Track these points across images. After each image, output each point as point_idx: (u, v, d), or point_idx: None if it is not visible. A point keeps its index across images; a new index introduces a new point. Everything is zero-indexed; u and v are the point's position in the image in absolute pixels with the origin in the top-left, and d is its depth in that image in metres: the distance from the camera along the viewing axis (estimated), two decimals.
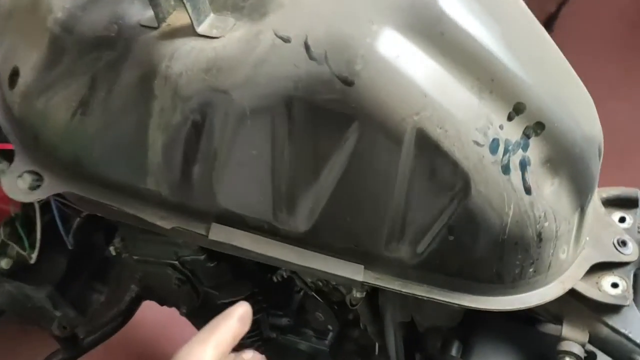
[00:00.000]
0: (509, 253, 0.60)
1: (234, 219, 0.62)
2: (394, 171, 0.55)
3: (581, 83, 0.64)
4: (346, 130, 0.54)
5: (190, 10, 0.54)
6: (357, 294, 0.79)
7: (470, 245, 0.60)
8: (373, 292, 0.87)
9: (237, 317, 0.50)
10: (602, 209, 0.77)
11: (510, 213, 0.57)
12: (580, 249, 0.70)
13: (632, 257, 0.72)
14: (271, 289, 1.05)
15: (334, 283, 0.80)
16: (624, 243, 0.72)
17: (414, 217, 0.59)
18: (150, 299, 1.19)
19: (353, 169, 0.56)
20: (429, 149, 0.54)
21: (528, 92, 0.57)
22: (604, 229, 0.74)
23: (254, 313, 1.07)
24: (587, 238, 0.72)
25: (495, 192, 0.56)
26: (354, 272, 0.63)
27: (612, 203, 0.79)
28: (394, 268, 0.63)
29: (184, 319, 1.19)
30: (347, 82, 0.52)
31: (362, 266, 0.63)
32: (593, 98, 0.65)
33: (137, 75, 0.57)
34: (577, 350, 0.69)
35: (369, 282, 0.63)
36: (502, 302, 0.64)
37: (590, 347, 0.71)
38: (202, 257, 0.91)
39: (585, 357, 0.70)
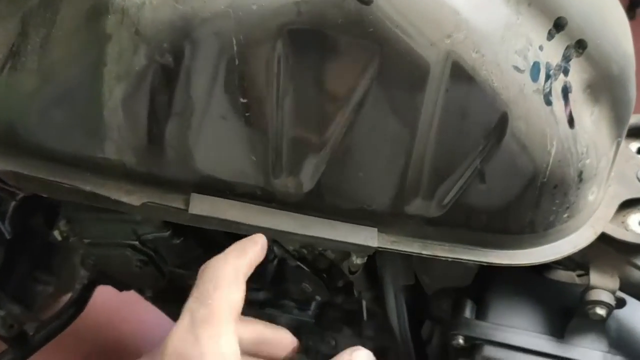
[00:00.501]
0: (546, 198, 0.52)
1: (218, 188, 0.51)
2: (418, 110, 0.45)
3: None
4: (363, 62, 0.43)
5: None
6: (358, 260, 0.69)
7: (503, 193, 0.51)
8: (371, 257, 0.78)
9: (261, 246, 0.49)
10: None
11: (553, 151, 0.48)
12: (607, 187, 0.63)
13: None
14: None
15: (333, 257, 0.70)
16: None
17: (440, 164, 0.49)
18: (107, 284, 1.06)
19: (369, 111, 0.46)
20: (462, 79, 0.44)
21: (568, 4, 0.47)
22: (626, 162, 0.67)
23: None
24: (612, 174, 0.65)
25: (537, 127, 0.47)
26: (366, 237, 0.53)
27: (628, 133, 0.71)
28: (411, 227, 0.54)
29: (137, 302, 1.08)
30: (364, 1, 0.40)
31: (376, 229, 0.53)
32: None
33: (82, 12, 0.44)
34: (608, 298, 0.62)
35: (385, 247, 0.53)
36: (534, 255, 0.56)
37: (618, 294, 0.65)
38: (167, 233, 0.80)
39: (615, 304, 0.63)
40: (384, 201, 0.51)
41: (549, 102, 0.47)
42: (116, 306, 1.41)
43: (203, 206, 0.51)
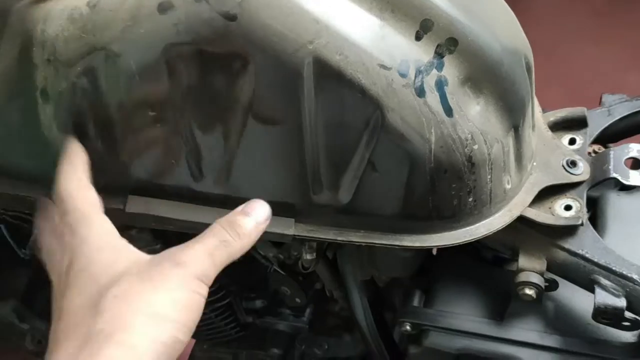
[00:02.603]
0: (440, 182, 0.57)
1: (152, 190, 0.59)
2: (301, 108, 0.52)
3: None
4: (240, 72, 0.50)
5: None
6: (307, 256, 0.76)
7: (397, 179, 0.56)
8: (333, 257, 0.84)
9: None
10: (549, 132, 0.73)
11: (433, 138, 0.54)
12: (526, 176, 0.67)
13: (583, 177, 0.68)
14: (237, 270, 1.02)
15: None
16: (573, 163, 0.69)
17: (333, 156, 0.55)
18: None
19: (258, 115, 0.53)
20: (331, 79, 0.50)
21: (434, 8, 0.53)
22: (552, 152, 0.71)
23: (223, 297, 1.04)
24: (534, 163, 0.69)
25: (413, 117, 0.53)
26: (284, 226, 0.59)
27: (560, 126, 0.75)
28: (327, 217, 0.60)
29: None
30: (229, 17, 0.48)
31: (293, 219, 0.59)
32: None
33: (16, 47, 0.53)
34: (536, 279, 0.65)
35: (302, 234, 0.59)
36: (447, 238, 0.61)
37: (550, 276, 0.68)
38: (158, 247, 0.88)
39: (546, 287, 0.66)
40: (293, 193, 0.58)
41: (421, 95, 0.53)
42: None
43: (138, 206, 0.59)
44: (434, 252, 0.84)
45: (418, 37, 0.53)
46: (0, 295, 1.11)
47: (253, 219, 0.50)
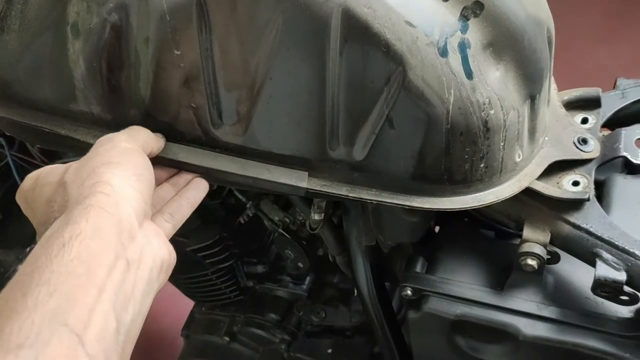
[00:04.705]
0: (455, 145, 0.58)
1: (170, 133, 0.60)
2: (325, 59, 0.53)
3: None
4: (270, 17, 0.51)
5: None
6: (316, 216, 0.77)
7: (413, 138, 0.57)
8: (339, 222, 0.85)
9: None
10: (563, 109, 0.74)
11: (451, 99, 0.55)
12: (537, 149, 0.68)
13: (593, 154, 0.69)
14: (241, 234, 1.03)
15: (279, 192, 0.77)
16: (584, 141, 0.70)
17: (352, 110, 0.56)
18: None
19: (281, 62, 0.53)
20: (358, 31, 0.51)
21: None
22: (564, 129, 0.72)
23: (226, 259, 1.06)
24: (546, 138, 0.70)
25: (434, 76, 0.54)
26: (297, 179, 0.60)
27: (573, 105, 0.76)
28: (340, 173, 0.61)
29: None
30: None
31: (306, 173, 0.60)
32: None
33: None
34: (539, 250, 0.67)
35: (315, 189, 0.60)
36: (456, 202, 0.62)
37: (553, 249, 0.69)
38: None
39: (548, 259, 0.68)
40: (310, 146, 0.59)
41: (444, 55, 0.54)
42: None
43: None
44: (436, 229, 0.85)
45: None
46: (7, 244, 1.12)
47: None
